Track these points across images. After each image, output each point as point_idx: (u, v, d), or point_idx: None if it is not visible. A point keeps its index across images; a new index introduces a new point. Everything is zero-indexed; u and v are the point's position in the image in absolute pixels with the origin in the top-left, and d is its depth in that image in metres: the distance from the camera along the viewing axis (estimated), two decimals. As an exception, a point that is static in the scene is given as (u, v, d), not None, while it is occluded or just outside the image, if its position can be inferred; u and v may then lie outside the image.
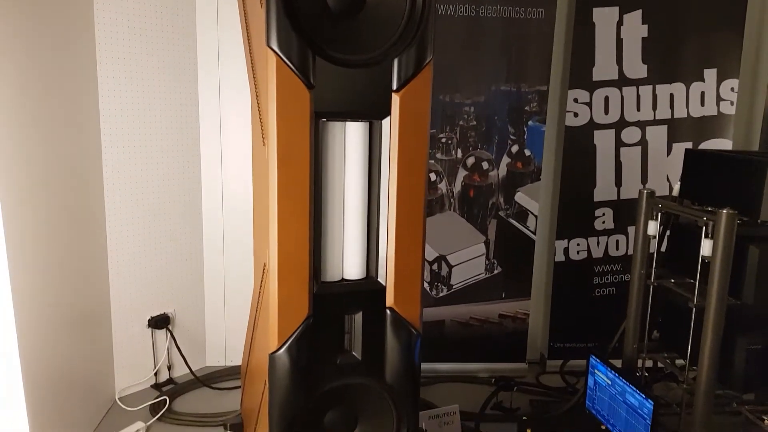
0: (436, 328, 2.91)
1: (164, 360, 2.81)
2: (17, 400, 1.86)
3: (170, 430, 2.45)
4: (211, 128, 2.82)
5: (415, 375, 1.92)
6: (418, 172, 1.83)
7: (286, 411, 1.80)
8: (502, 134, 2.82)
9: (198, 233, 2.89)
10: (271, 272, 1.76)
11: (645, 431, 2.03)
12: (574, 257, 2.97)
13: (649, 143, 2.92)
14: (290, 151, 1.69)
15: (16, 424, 1.87)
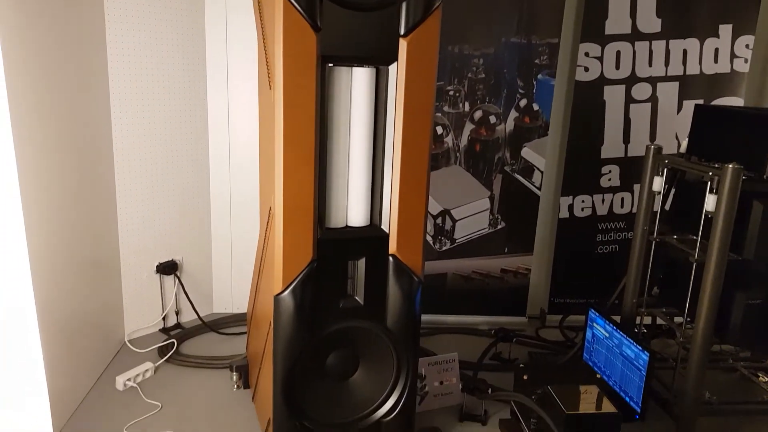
0: (439, 282, 2.95)
1: (172, 305, 2.87)
2: (33, 341, 1.92)
3: (178, 371, 2.53)
4: (218, 80, 2.81)
5: (415, 321, 1.96)
6: (423, 119, 1.83)
7: (289, 351, 1.85)
8: (511, 88, 2.79)
9: (205, 182, 2.91)
10: (276, 216, 1.78)
11: (640, 382, 2.07)
12: (579, 214, 2.97)
13: (660, 100, 2.88)
14: (296, 94, 1.69)
15: (32, 365, 1.94)
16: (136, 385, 2.37)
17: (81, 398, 2.27)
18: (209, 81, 2.81)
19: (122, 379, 2.35)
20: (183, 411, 2.23)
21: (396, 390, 1.98)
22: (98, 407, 2.24)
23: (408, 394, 1.98)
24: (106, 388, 2.36)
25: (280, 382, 1.86)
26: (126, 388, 2.35)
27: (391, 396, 1.99)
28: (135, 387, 2.35)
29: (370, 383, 1.99)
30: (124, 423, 2.12)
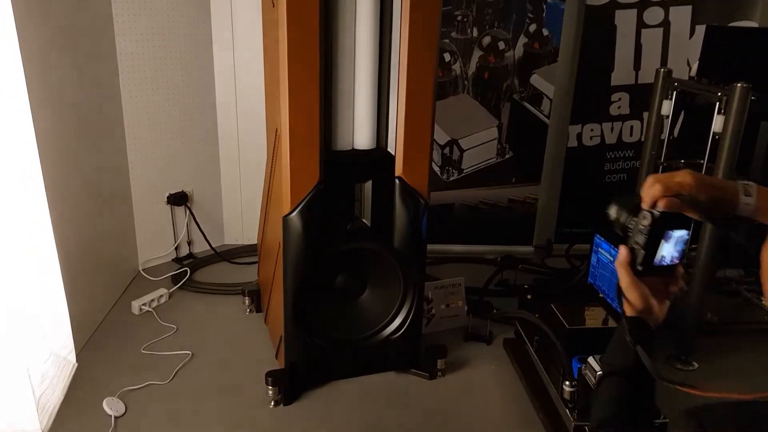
0: (446, 212, 2.97)
1: (184, 235, 2.93)
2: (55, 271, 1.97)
3: (191, 296, 2.61)
4: (222, 11, 2.77)
5: (421, 242, 2.00)
6: (429, 39, 1.81)
7: (298, 271, 1.90)
8: (520, 12, 2.72)
9: (212, 114, 2.91)
10: (283, 136, 1.80)
11: (642, 302, 2.12)
12: (587, 143, 2.96)
13: (672, 25, 2.81)
14: (300, 11, 1.67)
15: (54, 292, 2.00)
16: (151, 309, 2.45)
17: (99, 321, 2.36)
18: (213, 11, 2.78)
19: (138, 303, 2.43)
20: (198, 333, 2.32)
21: (403, 309, 2.04)
22: (116, 329, 2.33)
23: (414, 314, 2.04)
24: (122, 312, 2.45)
25: (291, 300, 1.92)
26: (142, 312, 2.43)
27: (399, 315, 2.05)
28: (150, 311, 2.44)
29: (378, 303, 2.05)
30: (141, 343, 2.21)
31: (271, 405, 1.92)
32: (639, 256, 0.91)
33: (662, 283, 0.94)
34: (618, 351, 0.95)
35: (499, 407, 1.96)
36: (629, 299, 0.93)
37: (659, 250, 0.90)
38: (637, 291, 0.92)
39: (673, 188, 0.89)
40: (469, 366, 2.15)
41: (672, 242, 0.91)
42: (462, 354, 2.21)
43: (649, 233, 0.90)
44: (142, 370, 2.06)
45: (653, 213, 0.89)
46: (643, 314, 0.93)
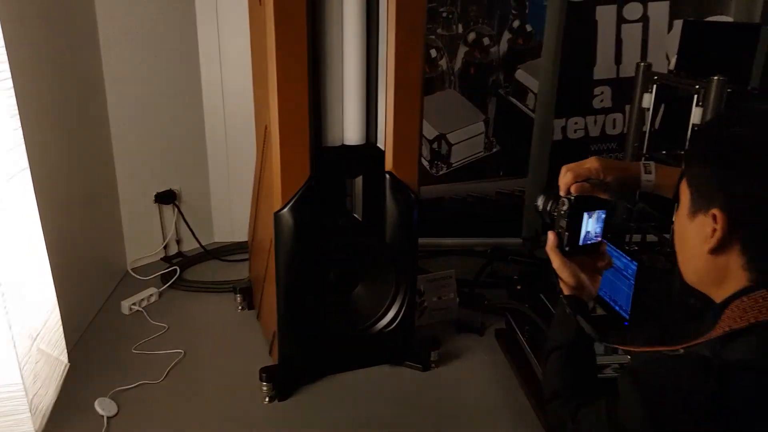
0: (436, 206, 3.00)
1: (172, 234, 2.93)
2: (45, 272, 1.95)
3: (182, 295, 2.60)
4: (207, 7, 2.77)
5: (413, 236, 2.03)
6: (416, 35, 1.83)
7: (291, 267, 1.91)
8: (504, 9, 2.76)
9: (199, 112, 2.91)
10: (272, 133, 1.81)
11: (629, 290, 2.16)
12: (572, 136, 3.01)
13: (651, 19, 2.87)
14: (288, 8, 1.69)
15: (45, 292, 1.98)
16: (141, 309, 2.44)
17: (88, 322, 2.35)
18: (198, 6, 2.77)
19: (127, 303, 2.43)
20: (190, 331, 2.32)
21: (396, 302, 2.06)
22: (105, 330, 2.32)
23: (407, 307, 2.06)
24: (111, 312, 2.44)
25: (284, 296, 1.93)
26: (132, 312, 2.42)
27: (391, 308, 2.07)
28: (141, 311, 2.43)
29: (371, 296, 2.07)
30: (132, 343, 2.21)
31: (266, 401, 1.93)
32: (564, 238, 1.00)
33: (591, 261, 1.03)
34: (560, 328, 1.03)
35: (492, 396, 2.00)
36: (563, 278, 1.01)
37: (583, 229, 0.99)
38: (568, 270, 1.00)
39: (582, 174, 0.99)
40: (462, 357, 2.19)
41: (593, 221, 0.99)
42: (454, 345, 2.24)
43: (568, 216, 0.99)
44: (134, 369, 2.06)
45: (569, 199, 0.99)
46: (577, 290, 1.02)
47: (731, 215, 0.73)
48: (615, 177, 1.01)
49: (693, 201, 0.79)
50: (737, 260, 0.75)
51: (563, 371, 0.99)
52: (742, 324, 0.71)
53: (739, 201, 0.72)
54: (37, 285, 1.68)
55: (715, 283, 0.78)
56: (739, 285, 0.75)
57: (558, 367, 1.00)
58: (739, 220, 0.73)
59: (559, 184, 1.01)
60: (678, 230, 0.83)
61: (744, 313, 0.72)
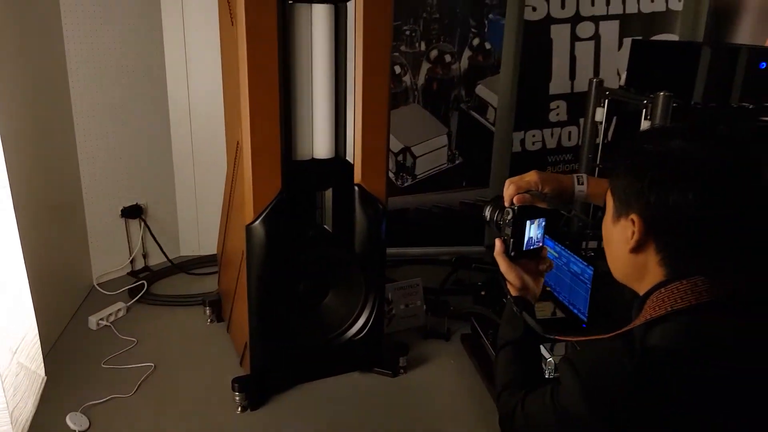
0: (401, 216, 3.08)
1: (139, 248, 2.92)
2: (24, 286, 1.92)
3: (150, 309, 2.60)
4: (174, 22, 2.80)
5: (381, 246, 2.09)
6: (382, 52, 1.92)
7: (263, 278, 1.96)
8: (464, 27, 2.88)
9: (165, 125, 2.92)
10: (244, 149, 1.86)
11: (586, 294, 2.28)
12: (530, 148, 3.15)
13: (602, 38, 3.04)
14: (259, 28, 1.75)
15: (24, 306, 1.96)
16: (109, 323, 2.43)
17: (55, 337, 2.33)
18: (165, 21, 2.80)
19: (95, 318, 2.42)
20: (159, 345, 2.33)
21: (365, 311, 2.12)
22: (74, 345, 2.31)
23: (376, 315, 2.12)
24: (79, 328, 2.42)
25: (255, 307, 1.97)
26: (99, 327, 2.41)
27: (361, 316, 2.13)
28: (109, 325, 2.42)
29: (341, 305, 2.13)
30: (101, 358, 2.20)
31: (239, 411, 1.96)
32: (509, 244, 1.10)
33: (534, 264, 1.13)
34: (508, 325, 1.12)
35: (459, 398, 2.07)
36: (509, 281, 1.11)
37: (526, 235, 1.09)
38: (514, 273, 1.10)
39: (523, 186, 1.09)
40: (430, 362, 2.26)
41: (535, 227, 1.09)
42: (422, 351, 2.31)
43: (512, 225, 1.08)
44: (105, 383, 2.06)
45: (513, 209, 1.08)
46: (523, 291, 1.11)
47: (647, 220, 0.83)
48: (552, 188, 1.11)
49: (616, 208, 0.89)
50: (654, 258, 0.84)
51: (512, 364, 1.08)
52: (661, 312, 0.81)
53: (653, 207, 0.81)
54: (15, 299, 1.68)
55: (638, 278, 0.88)
56: (657, 279, 0.85)
57: (508, 361, 1.09)
58: (653, 224, 0.82)
59: (504, 195, 1.10)
60: (605, 234, 0.94)
61: (662, 303, 0.82)
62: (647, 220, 0.82)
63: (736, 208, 0.77)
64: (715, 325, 0.78)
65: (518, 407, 0.97)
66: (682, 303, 0.80)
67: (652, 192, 0.80)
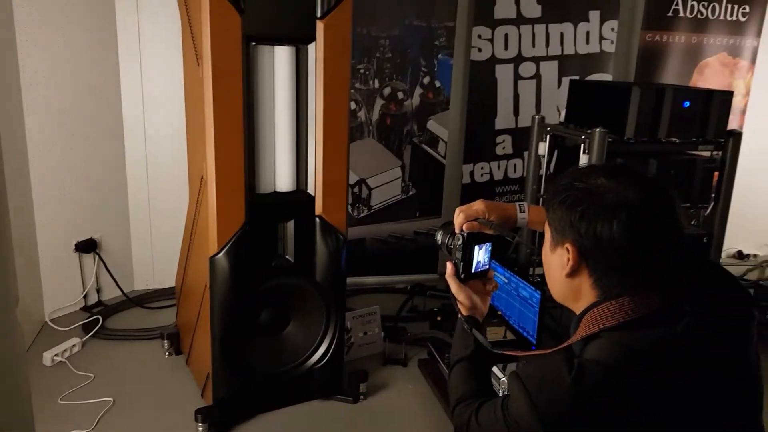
0: (358, 246, 3.17)
1: (93, 283, 2.89)
2: None
3: (106, 344, 2.57)
4: (130, 53, 2.84)
5: (342, 275, 2.17)
6: (341, 92, 2.03)
7: (226, 309, 2.00)
8: (415, 66, 3.05)
9: (120, 159, 2.93)
10: (209, 183, 1.92)
11: (534, 317, 2.41)
12: (479, 179, 3.33)
13: (543, 77, 3.27)
14: (224, 69, 1.84)
15: None
16: (64, 359, 2.40)
17: (9, 376, 2.28)
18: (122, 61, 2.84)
19: (50, 354, 2.38)
20: (117, 379, 2.31)
21: (326, 339, 2.19)
22: (29, 383, 2.26)
23: (337, 343, 2.19)
24: (32, 364, 2.36)
25: (218, 337, 2.01)
26: (54, 363, 2.37)
27: (322, 345, 2.19)
28: (64, 361, 2.39)
29: (302, 334, 2.18)
30: (57, 394, 2.17)
31: (202, 442, 1.97)
32: (460, 267, 1.18)
33: (482, 285, 1.22)
34: (459, 343, 1.20)
35: (419, 421, 2.15)
36: (460, 301, 1.19)
37: (474, 259, 1.18)
38: (464, 293, 1.18)
39: (471, 214, 1.19)
40: (389, 387, 2.33)
41: (483, 252, 1.19)
42: (381, 377, 2.38)
43: (462, 249, 1.17)
44: (63, 419, 2.03)
45: (462, 234, 1.17)
46: (472, 310, 1.19)
47: (579, 247, 0.93)
48: (497, 216, 1.21)
49: (552, 237, 0.99)
50: (587, 281, 0.95)
51: (466, 380, 1.15)
52: (594, 330, 0.92)
53: (583, 237, 0.92)
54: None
55: (574, 300, 0.99)
56: (591, 300, 0.96)
57: (461, 376, 1.16)
58: (585, 251, 0.93)
59: (454, 222, 1.20)
60: (545, 261, 1.05)
61: (595, 321, 0.93)
62: (579, 248, 0.93)
63: (654, 235, 0.90)
64: (642, 338, 0.89)
65: (472, 418, 1.05)
66: (612, 321, 0.91)
67: (582, 223, 0.91)
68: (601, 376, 0.87)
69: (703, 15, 3.51)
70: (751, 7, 3.56)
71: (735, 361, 0.93)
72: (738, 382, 0.93)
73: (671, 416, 0.88)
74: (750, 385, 0.95)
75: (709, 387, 0.90)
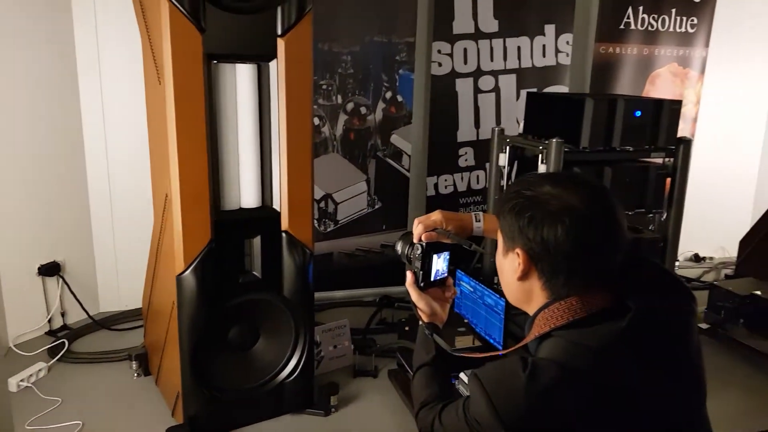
0: (326, 261, 3.19)
1: (57, 307, 2.85)
2: None
3: (73, 368, 2.54)
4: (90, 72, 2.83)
5: (309, 289, 2.20)
6: (304, 107, 2.07)
7: (194, 326, 2.00)
8: (377, 81, 3.11)
9: (82, 180, 2.91)
10: (173, 201, 1.93)
11: (500, 324, 2.47)
12: (443, 191, 3.39)
13: (502, 90, 3.37)
14: (186, 88, 1.86)
15: None
16: (30, 384, 2.36)
17: (-29, 404, 2.23)
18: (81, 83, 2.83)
19: (15, 380, 2.33)
20: (86, 403, 2.28)
21: (295, 354, 2.20)
22: (-8, 410, 2.21)
23: (306, 357, 2.20)
24: (-3, 392, 2.33)
25: (188, 356, 2.00)
26: (20, 388, 2.33)
27: (291, 360, 2.20)
28: (30, 386, 2.35)
29: (272, 350, 2.19)
30: (24, 419, 2.13)
31: (173, 462, 1.97)
32: (419, 276, 1.22)
33: (441, 292, 1.26)
34: (421, 350, 1.24)
35: (390, 430, 2.17)
36: (420, 308, 1.24)
37: (433, 267, 1.22)
38: (423, 301, 1.22)
39: (430, 225, 1.23)
40: (360, 399, 2.35)
41: (441, 260, 1.23)
42: (352, 389, 2.40)
43: (421, 259, 1.21)
44: (29, 446, 2.00)
45: (421, 244, 1.21)
46: (432, 317, 1.24)
47: (528, 252, 0.99)
48: (454, 225, 1.25)
49: (504, 243, 1.05)
50: (537, 284, 1.01)
51: (428, 384, 1.19)
52: (546, 329, 0.98)
53: (531, 242, 0.97)
54: None
55: (527, 302, 1.04)
56: (542, 301, 1.01)
57: (423, 381, 1.20)
58: (533, 255, 0.98)
59: (413, 233, 1.24)
60: (498, 266, 1.10)
61: (546, 322, 0.98)
62: (529, 252, 0.99)
63: (596, 238, 0.96)
64: (589, 335, 0.95)
65: (436, 420, 1.09)
66: (562, 320, 0.97)
67: (529, 229, 0.97)
68: (554, 372, 0.91)
69: (653, 27, 3.66)
70: (698, 19, 3.73)
71: (677, 353, 0.99)
72: (681, 373, 0.99)
73: (620, 407, 0.93)
74: (692, 375, 1.01)
75: (654, 378, 0.95)
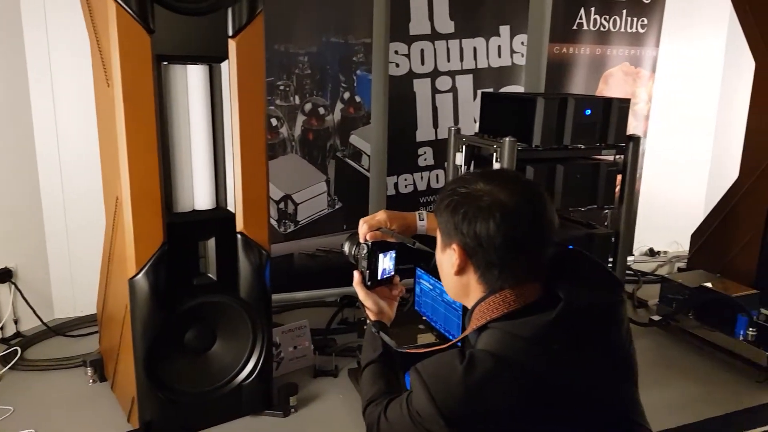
0: (286, 262, 3.19)
1: (9, 314, 2.78)
2: None
3: (26, 375, 2.48)
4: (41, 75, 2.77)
5: (266, 290, 2.19)
6: (257, 107, 2.07)
7: (148, 330, 1.98)
8: (335, 82, 3.12)
9: (34, 185, 2.84)
10: (124, 203, 1.91)
11: (458, 320, 2.51)
12: (403, 191, 3.42)
13: (459, 90, 3.41)
14: (135, 90, 1.84)
15: None
16: (-20, 395, 2.30)
17: None
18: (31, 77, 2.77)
19: (-36, 391, 2.28)
20: (40, 411, 2.23)
21: (253, 355, 2.20)
22: (-60, 422, 2.16)
23: (264, 358, 2.20)
24: (-55, 403, 2.27)
25: (142, 360, 1.98)
26: (-31, 400, 2.28)
27: (249, 362, 2.20)
28: (-20, 397, 2.29)
29: (229, 352, 2.18)
30: (-27, 432, 2.09)
31: (128, 468, 1.94)
32: (366, 275, 1.24)
33: (388, 291, 1.28)
34: (369, 347, 1.25)
35: (349, 429, 2.18)
36: (367, 307, 1.25)
37: (379, 266, 1.24)
38: (371, 300, 1.24)
39: (374, 225, 1.24)
40: (320, 399, 2.36)
41: (387, 259, 1.25)
42: (312, 389, 2.41)
43: (367, 258, 1.22)
44: (-21, 457, 1.96)
45: (367, 244, 1.22)
46: (380, 315, 1.26)
47: (463, 247, 1.01)
48: (399, 225, 1.27)
49: (442, 239, 1.07)
50: (473, 278, 1.03)
51: (375, 381, 1.20)
52: (482, 322, 1.01)
53: (466, 237, 1.00)
54: None
55: (465, 295, 1.07)
56: (479, 295, 1.04)
57: (370, 378, 1.21)
58: (468, 250, 1.01)
59: (359, 233, 1.25)
60: (438, 262, 1.12)
61: (483, 314, 1.01)
62: (464, 247, 1.01)
63: (525, 232, 0.99)
64: (523, 326, 0.98)
65: (381, 416, 1.10)
66: (497, 312, 1.00)
67: (464, 224, 1.00)
68: (489, 363, 0.94)
69: (605, 28, 3.76)
70: (649, 20, 3.85)
71: (606, 340, 1.03)
72: (610, 359, 1.03)
73: (554, 394, 0.96)
74: (622, 362, 1.05)
75: (584, 365, 0.99)
